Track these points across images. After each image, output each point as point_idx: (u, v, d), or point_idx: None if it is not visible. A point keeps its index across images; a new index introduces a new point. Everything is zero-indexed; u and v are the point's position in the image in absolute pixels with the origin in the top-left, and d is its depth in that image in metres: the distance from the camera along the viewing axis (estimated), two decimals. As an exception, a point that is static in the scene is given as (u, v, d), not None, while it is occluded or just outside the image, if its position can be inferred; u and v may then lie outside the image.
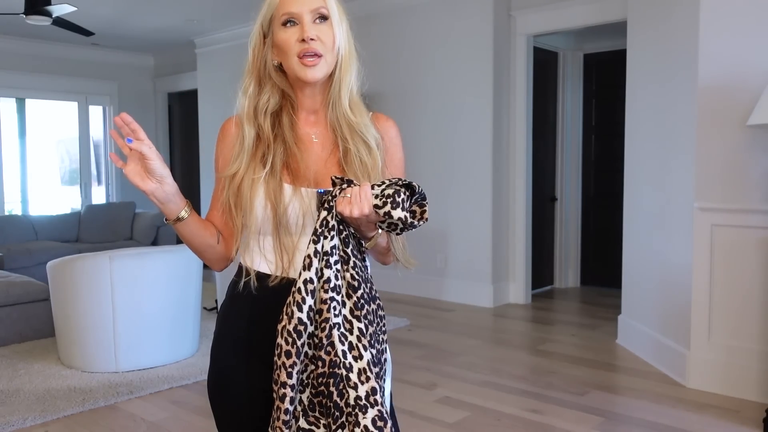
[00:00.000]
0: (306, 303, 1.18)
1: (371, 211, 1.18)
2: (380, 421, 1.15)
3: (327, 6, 1.31)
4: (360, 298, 1.22)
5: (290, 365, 1.17)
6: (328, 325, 1.17)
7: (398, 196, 1.17)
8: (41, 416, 3.21)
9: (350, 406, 1.16)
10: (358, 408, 1.15)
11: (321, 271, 1.19)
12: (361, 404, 1.15)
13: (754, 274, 3.36)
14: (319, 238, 1.20)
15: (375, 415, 1.15)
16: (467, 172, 5.64)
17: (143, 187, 1.23)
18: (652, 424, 3.10)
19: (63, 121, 8.69)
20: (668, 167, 3.88)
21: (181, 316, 4.07)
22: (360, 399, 1.16)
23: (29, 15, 5.19)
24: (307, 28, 1.29)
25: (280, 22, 1.31)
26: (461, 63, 5.63)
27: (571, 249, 6.53)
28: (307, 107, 1.38)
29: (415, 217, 1.19)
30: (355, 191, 1.19)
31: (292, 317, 1.18)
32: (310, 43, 1.28)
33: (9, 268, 5.97)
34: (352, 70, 1.36)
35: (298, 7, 1.29)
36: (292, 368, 1.17)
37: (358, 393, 1.16)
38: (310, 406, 1.21)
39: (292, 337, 1.17)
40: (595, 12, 5.09)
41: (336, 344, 1.17)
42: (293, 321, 1.18)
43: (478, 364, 4.06)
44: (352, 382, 1.16)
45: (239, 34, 7.37)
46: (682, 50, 3.69)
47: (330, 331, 1.17)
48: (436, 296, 5.89)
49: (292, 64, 1.31)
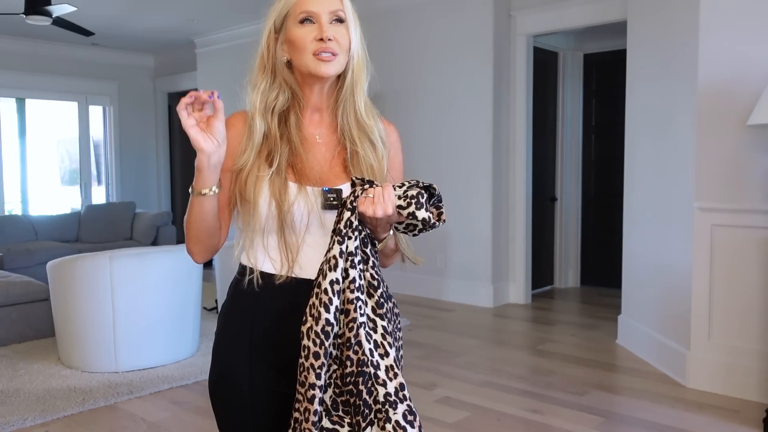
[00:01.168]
0: (333, 304, 1.19)
1: (394, 212, 1.20)
2: (410, 415, 1.18)
3: (344, 9, 1.32)
4: (380, 297, 1.24)
5: (318, 366, 1.18)
6: (355, 325, 1.18)
7: (421, 197, 1.19)
8: (41, 416, 3.21)
9: (379, 402, 1.17)
10: (388, 404, 1.17)
11: (346, 272, 1.20)
12: (391, 400, 1.17)
13: (754, 274, 3.36)
14: (344, 238, 1.21)
15: (405, 410, 1.18)
16: (467, 171, 5.64)
17: (203, 145, 1.21)
18: (652, 424, 3.10)
19: (63, 121, 8.69)
20: (668, 167, 3.88)
21: (181, 316, 4.07)
22: (390, 395, 1.18)
23: (29, 15, 5.19)
24: (325, 28, 1.30)
25: (297, 19, 1.31)
26: (461, 63, 5.63)
27: (571, 249, 6.53)
28: (313, 105, 1.38)
29: (434, 218, 1.22)
30: (378, 192, 1.20)
31: (320, 318, 1.18)
32: (327, 43, 1.29)
33: (9, 268, 5.96)
34: (366, 73, 1.38)
35: (317, 6, 1.30)
36: (321, 369, 1.18)
37: (387, 390, 1.18)
38: (333, 406, 1.22)
39: (320, 338, 1.18)
40: (595, 12, 5.09)
41: (363, 343, 1.18)
42: (321, 322, 1.18)
43: (478, 364, 4.06)
44: (381, 380, 1.18)
45: (239, 34, 7.37)
46: (682, 50, 3.69)
47: (357, 330, 1.18)
48: (436, 296, 5.89)
49: (305, 60, 1.31)
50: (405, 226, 1.24)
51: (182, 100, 1.21)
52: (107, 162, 9.08)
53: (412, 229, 1.24)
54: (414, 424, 1.18)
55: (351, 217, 1.21)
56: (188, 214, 1.31)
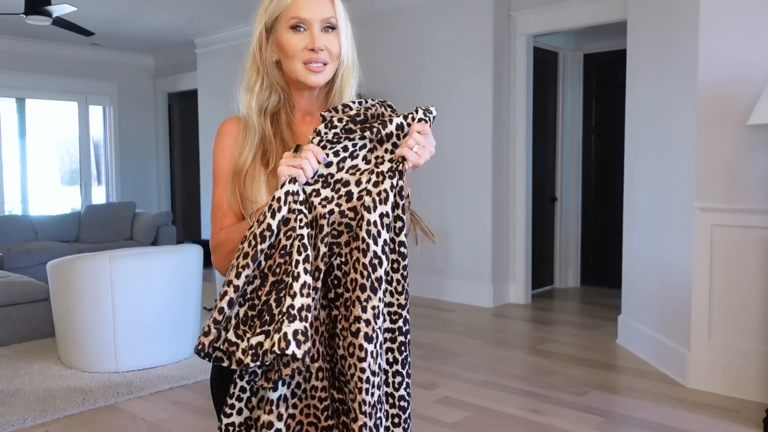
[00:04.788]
0: (280, 212, 1.15)
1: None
2: (302, 335, 1.09)
3: (336, 16, 1.32)
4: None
5: (241, 266, 1.14)
6: (293, 234, 1.15)
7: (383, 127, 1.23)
8: (41, 416, 3.21)
9: (282, 313, 1.11)
10: (286, 316, 1.10)
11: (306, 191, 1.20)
12: (292, 313, 1.10)
13: (754, 274, 3.36)
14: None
15: (299, 328, 1.09)
16: (467, 172, 5.64)
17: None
18: (652, 424, 3.10)
19: (63, 121, 8.69)
20: (668, 167, 3.88)
21: (181, 316, 4.07)
22: (293, 308, 1.10)
23: (29, 15, 5.19)
24: (317, 38, 1.30)
25: (288, 24, 1.31)
26: (461, 63, 5.63)
27: (571, 249, 6.53)
28: (304, 108, 1.40)
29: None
30: (418, 137, 1.19)
31: (262, 223, 1.16)
32: (319, 53, 1.30)
33: (9, 268, 5.97)
34: (354, 77, 1.39)
35: (309, 13, 1.30)
36: (242, 270, 1.14)
37: (293, 302, 1.11)
38: (243, 320, 1.17)
39: (256, 240, 1.15)
40: (595, 12, 5.09)
41: (293, 254, 1.14)
42: (262, 226, 1.15)
43: (478, 364, 4.06)
44: (293, 291, 1.11)
45: (239, 34, 7.37)
46: (682, 50, 3.69)
47: (293, 241, 1.15)
48: (436, 296, 5.89)
49: (295, 68, 1.32)
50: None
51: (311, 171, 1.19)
52: (107, 162, 9.08)
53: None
54: (301, 345, 1.08)
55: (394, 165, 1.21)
56: (240, 243, 1.30)
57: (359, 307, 1.16)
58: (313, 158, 1.17)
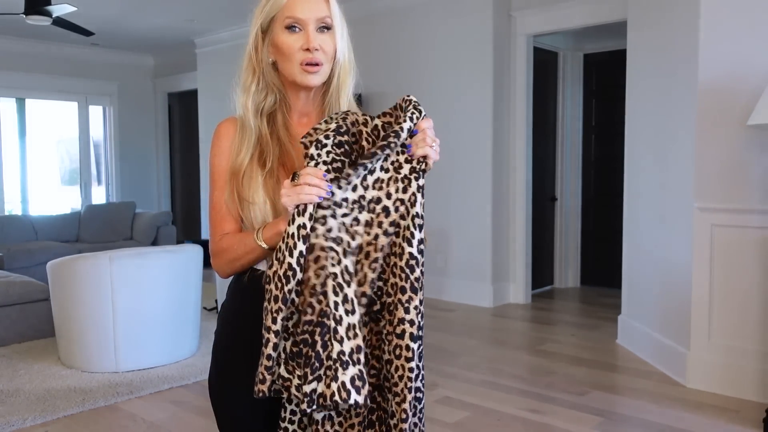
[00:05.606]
0: (297, 248, 1.15)
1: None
2: (359, 380, 1.11)
3: (331, 16, 1.32)
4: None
5: (275, 310, 1.15)
6: (323, 273, 1.15)
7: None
8: (41, 416, 3.21)
9: (332, 359, 1.11)
10: (339, 363, 1.10)
11: (324, 219, 1.19)
12: (344, 360, 1.11)
13: (754, 274, 3.36)
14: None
15: (355, 374, 1.11)
16: (467, 172, 5.64)
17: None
18: (652, 424, 3.10)
19: (63, 121, 8.69)
20: (668, 167, 3.88)
21: (181, 316, 4.07)
22: (343, 354, 1.11)
23: (29, 15, 5.19)
24: (312, 38, 1.30)
25: (284, 24, 1.31)
26: (461, 63, 5.63)
27: (571, 249, 6.54)
28: (300, 109, 1.40)
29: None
30: (431, 134, 1.21)
31: (283, 262, 1.16)
32: (314, 53, 1.30)
33: (9, 268, 5.96)
34: (351, 78, 1.38)
35: (305, 13, 1.30)
36: (277, 314, 1.15)
37: (342, 348, 1.11)
38: (290, 356, 1.18)
39: (282, 282, 1.15)
40: (595, 12, 5.09)
41: (329, 294, 1.14)
42: (284, 266, 1.15)
43: (478, 364, 4.06)
44: (339, 336, 1.12)
45: (239, 34, 7.37)
46: (682, 50, 3.69)
47: (325, 280, 1.15)
48: (436, 296, 5.89)
49: (291, 69, 1.32)
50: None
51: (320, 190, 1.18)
52: (107, 162, 9.08)
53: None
54: (361, 391, 1.10)
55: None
56: (243, 255, 1.30)
57: (402, 309, 1.18)
58: (314, 178, 1.16)
